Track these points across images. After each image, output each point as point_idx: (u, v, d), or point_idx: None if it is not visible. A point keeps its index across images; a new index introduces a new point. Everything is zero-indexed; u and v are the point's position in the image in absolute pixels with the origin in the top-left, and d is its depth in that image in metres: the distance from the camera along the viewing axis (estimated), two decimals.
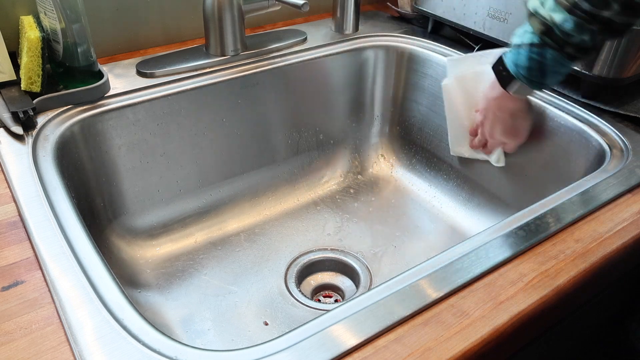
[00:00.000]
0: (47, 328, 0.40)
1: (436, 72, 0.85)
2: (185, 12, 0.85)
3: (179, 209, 0.80)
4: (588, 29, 0.52)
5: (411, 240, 0.81)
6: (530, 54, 0.56)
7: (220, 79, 0.77)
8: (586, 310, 0.60)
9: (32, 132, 0.62)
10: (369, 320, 0.41)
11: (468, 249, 0.48)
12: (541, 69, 0.56)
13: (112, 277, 0.44)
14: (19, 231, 0.49)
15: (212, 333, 0.66)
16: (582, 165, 0.68)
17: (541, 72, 0.56)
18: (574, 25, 0.52)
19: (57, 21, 0.64)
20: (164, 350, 0.39)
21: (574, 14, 0.51)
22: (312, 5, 0.94)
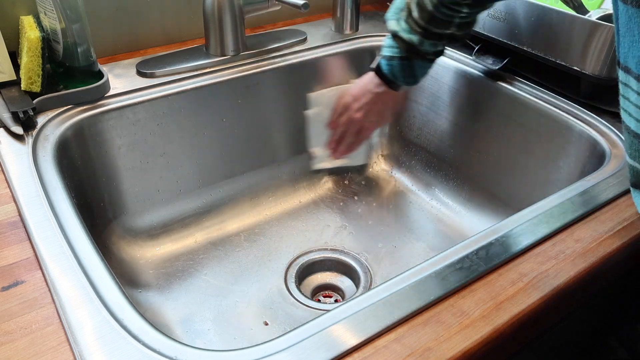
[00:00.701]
0: (47, 328, 0.40)
1: (436, 72, 0.85)
2: (185, 12, 0.85)
3: (179, 209, 0.80)
4: (440, 43, 0.67)
5: (411, 240, 0.81)
6: (402, 66, 0.69)
7: (220, 79, 0.77)
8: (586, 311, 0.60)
9: (32, 132, 0.62)
10: (369, 320, 0.41)
11: (468, 248, 0.48)
12: (412, 74, 0.70)
13: (112, 277, 0.44)
14: (19, 231, 0.49)
15: (212, 333, 0.66)
16: (582, 165, 0.68)
17: (413, 75, 0.71)
18: (428, 44, 0.66)
19: (57, 21, 0.64)
20: (164, 350, 0.39)
21: (427, 37, 0.65)
22: (312, 5, 0.94)
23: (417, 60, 0.69)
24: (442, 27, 0.65)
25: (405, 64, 0.69)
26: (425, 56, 0.68)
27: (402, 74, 0.70)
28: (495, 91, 0.78)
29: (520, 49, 0.76)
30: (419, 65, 0.69)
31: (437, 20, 0.64)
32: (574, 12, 0.71)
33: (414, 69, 0.69)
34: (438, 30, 0.65)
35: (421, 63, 0.69)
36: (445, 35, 0.66)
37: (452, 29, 0.65)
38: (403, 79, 0.71)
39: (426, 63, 0.70)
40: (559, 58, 0.72)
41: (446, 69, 0.84)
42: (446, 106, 0.85)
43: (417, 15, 0.65)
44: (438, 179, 0.89)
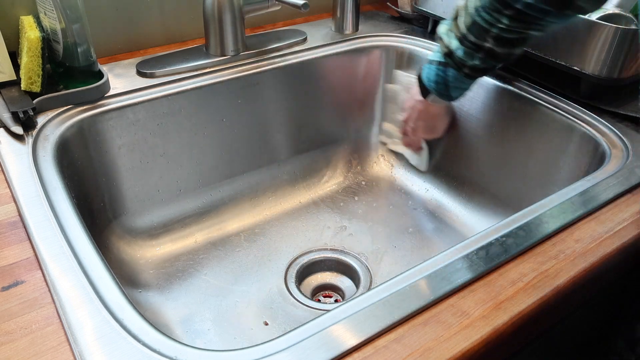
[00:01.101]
0: (47, 328, 0.40)
1: None
2: (185, 12, 0.85)
3: (179, 209, 0.80)
4: (476, 57, 0.63)
5: (411, 240, 0.81)
6: (437, 71, 0.67)
7: (220, 79, 0.77)
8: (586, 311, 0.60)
9: (32, 132, 0.62)
10: (369, 320, 0.41)
11: (468, 249, 0.48)
12: (445, 84, 0.68)
13: (112, 277, 0.44)
14: (19, 231, 0.49)
15: (212, 333, 0.66)
16: (582, 165, 0.68)
17: (445, 86, 0.68)
18: (463, 53, 0.63)
19: (57, 21, 0.64)
20: (164, 350, 0.39)
21: (463, 43, 0.63)
22: (312, 5, 0.94)
23: (452, 69, 0.66)
24: (480, 36, 0.61)
25: (441, 69, 0.67)
26: (460, 67, 0.65)
27: (435, 79, 0.68)
28: (495, 91, 0.78)
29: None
30: (453, 76, 0.67)
31: (476, 26, 0.60)
32: None
33: (448, 78, 0.67)
34: (476, 39, 0.61)
35: (456, 74, 0.66)
36: (483, 48, 0.62)
37: (490, 42, 0.61)
38: (435, 85, 0.68)
39: (461, 77, 0.66)
40: (559, 58, 0.72)
41: None
42: None
43: (461, 19, 0.62)
44: (438, 179, 0.89)
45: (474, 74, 0.66)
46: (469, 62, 0.64)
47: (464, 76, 0.66)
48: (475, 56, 0.63)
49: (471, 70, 0.65)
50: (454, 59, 0.64)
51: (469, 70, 0.65)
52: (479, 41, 0.61)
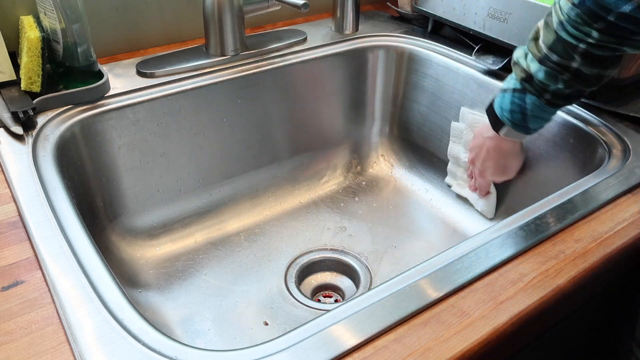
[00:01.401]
0: (47, 328, 0.40)
1: (436, 72, 0.85)
2: (185, 12, 0.85)
3: (179, 209, 0.80)
4: (560, 79, 0.56)
5: (411, 240, 0.81)
6: (513, 99, 0.60)
7: (220, 79, 0.77)
8: (586, 311, 0.60)
9: (32, 132, 0.62)
10: (369, 320, 0.41)
11: (468, 249, 0.48)
12: (523, 113, 0.60)
13: (112, 277, 0.44)
14: (19, 231, 0.49)
15: (212, 333, 0.66)
16: (582, 165, 0.68)
17: (523, 115, 0.60)
18: (545, 74, 0.56)
19: (57, 21, 0.64)
20: (164, 350, 0.39)
21: (545, 64, 0.56)
22: (312, 5, 0.94)
23: (531, 95, 0.59)
24: (566, 56, 0.54)
25: (517, 96, 0.59)
26: (541, 92, 0.58)
27: (510, 108, 0.60)
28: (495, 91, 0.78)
29: None
30: (532, 103, 0.59)
31: (561, 43, 0.54)
32: None
33: (526, 106, 0.59)
34: (560, 59, 0.55)
35: (536, 101, 0.59)
36: (568, 69, 0.55)
37: (577, 61, 0.54)
38: (509, 115, 0.61)
39: (542, 104, 0.59)
40: None
41: (446, 68, 0.84)
42: (446, 106, 0.85)
43: (542, 39, 0.56)
44: (438, 179, 0.89)
45: (557, 101, 0.58)
46: (552, 87, 0.56)
47: (545, 103, 0.58)
48: (559, 79, 0.56)
49: (554, 96, 0.57)
50: (533, 84, 0.57)
51: (551, 96, 0.57)
52: (564, 61, 0.54)
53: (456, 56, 0.84)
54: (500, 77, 0.78)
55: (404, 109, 0.93)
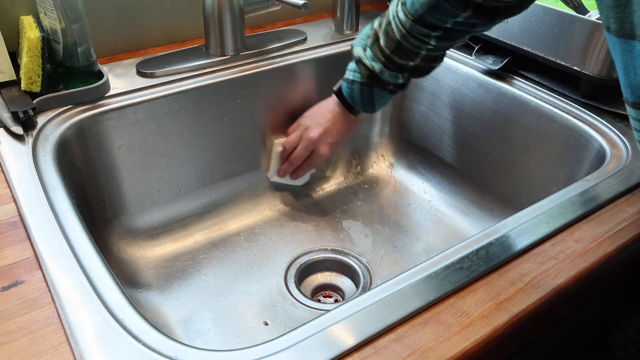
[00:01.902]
0: (47, 328, 0.40)
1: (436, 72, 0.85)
2: (185, 12, 0.85)
3: (179, 209, 0.80)
4: (401, 76, 0.67)
5: (411, 240, 0.81)
6: (362, 91, 0.70)
7: (220, 79, 0.77)
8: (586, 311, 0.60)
9: (32, 132, 0.62)
10: (369, 320, 0.41)
11: (468, 249, 0.48)
12: (371, 102, 0.71)
13: (112, 277, 0.44)
14: (19, 231, 0.49)
15: (212, 333, 0.66)
16: (582, 165, 0.68)
17: (371, 103, 0.71)
18: (388, 74, 0.67)
19: (57, 21, 0.64)
20: (164, 350, 0.39)
21: (388, 66, 0.66)
22: (312, 5, 0.94)
23: (377, 88, 0.69)
24: (407, 58, 0.64)
25: (365, 90, 0.70)
26: (385, 86, 0.68)
27: (361, 99, 0.71)
28: (495, 91, 0.78)
29: (520, 49, 0.76)
30: (378, 94, 0.70)
31: (403, 50, 0.64)
32: (574, 12, 0.71)
33: (373, 97, 0.70)
34: (401, 61, 0.65)
35: (381, 92, 0.70)
36: (407, 68, 0.66)
37: (416, 61, 0.65)
38: (361, 105, 0.72)
39: (386, 93, 0.70)
40: (559, 58, 0.72)
41: (446, 69, 0.84)
42: (446, 106, 0.85)
43: (383, 43, 0.65)
44: (438, 179, 0.89)
45: (398, 89, 0.70)
46: (393, 81, 0.67)
47: (388, 93, 0.70)
48: (399, 76, 0.67)
49: (395, 86, 0.69)
50: (378, 80, 0.67)
51: (394, 87, 0.69)
52: (405, 62, 0.65)
53: (456, 56, 0.84)
54: (500, 77, 0.78)
55: (404, 109, 0.93)
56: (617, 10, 0.38)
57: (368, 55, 0.67)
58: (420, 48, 0.63)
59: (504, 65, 0.78)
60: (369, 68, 0.67)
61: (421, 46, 0.62)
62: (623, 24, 0.38)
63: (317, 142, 0.76)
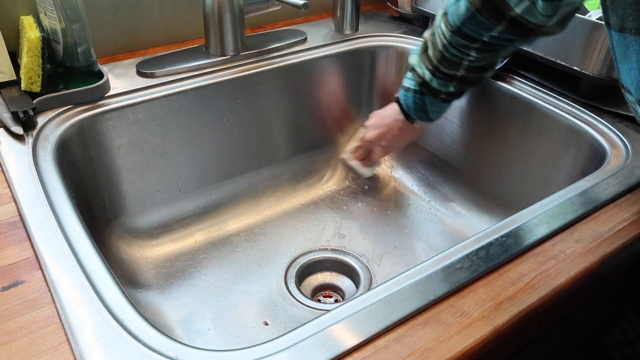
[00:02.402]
0: (47, 328, 0.40)
1: None
2: (185, 12, 0.85)
3: (179, 209, 0.80)
4: (450, 84, 0.67)
5: (411, 240, 0.81)
6: (415, 99, 0.71)
7: (220, 79, 0.77)
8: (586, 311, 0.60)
9: (32, 132, 0.62)
10: (369, 320, 0.41)
11: (468, 248, 0.48)
12: (424, 109, 0.71)
13: (112, 277, 0.44)
14: (19, 231, 0.49)
15: (212, 333, 0.66)
16: (582, 165, 0.68)
17: (424, 111, 0.72)
18: (437, 83, 0.67)
19: (57, 21, 0.64)
20: (164, 350, 0.39)
21: (436, 75, 0.67)
22: (312, 5, 0.94)
23: (429, 96, 0.70)
24: (452, 68, 0.65)
25: (418, 97, 0.70)
26: (437, 94, 0.69)
27: (414, 107, 0.71)
28: (495, 91, 0.78)
29: (520, 49, 0.76)
30: (430, 102, 0.70)
31: (447, 60, 0.65)
32: None
33: (426, 105, 0.70)
34: (448, 70, 0.66)
35: (433, 100, 0.70)
36: (455, 77, 0.66)
37: (461, 72, 0.65)
38: (415, 112, 0.72)
39: (438, 102, 0.70)
40: (559, 58, 0.72)
41: None
42: None
43: (431, 53, 0.66)
44: (438, 179, 0.89)
45: (451, 98, 0.70)
46: (445, 90, 0.68)
47: (440, 101, 0.70)
48: (449, 85, 0.67)
49: (447, 95, 0.69)
50: (429, 88, 0.68)
51: (445, 95, 0.69)
52: (452, 72, 0.65)
53: None
54: (500, 77, 0.78)
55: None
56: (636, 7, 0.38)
57: (419, 63, 0.68)
58: (462, 59, 0.64)
59: (504, 65, 0.78)
60: (420, 76, 0.68)
61: (462, 57, 0.63)
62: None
63: (371, 143, 0.80)
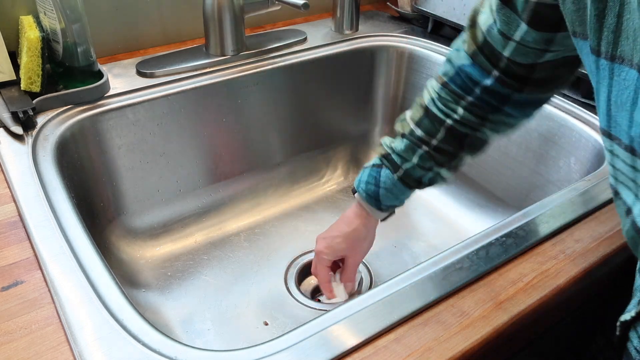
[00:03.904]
0: (47, 328, 0.40)
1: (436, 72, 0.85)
2: (185, 12, 0.85)
3: (179, 209, 0.80)
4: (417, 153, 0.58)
5: (411, 240, 0.81)
6: (371, 172, 0.61)
7: (220, 79, 0.77)
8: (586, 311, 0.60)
9: (32, 132, 0.62)
10: (369, 320, 0.41)
11: (468, 249, 0.48)
12: (376, 185, 0.61)
13: (112, 277, 0.44)
14: (19, 231, 0.49)
15: (212, 333, 0.66)
16: (582, 165, 0.68)
17: (376, 187, 0.61)
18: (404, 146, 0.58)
19: (57, 21, 0.64)
20: (164, 350, 0.39)
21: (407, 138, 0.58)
22: (312, 5, 0.94)
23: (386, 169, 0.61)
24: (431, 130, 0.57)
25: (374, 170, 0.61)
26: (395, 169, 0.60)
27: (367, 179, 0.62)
28: None
29: None
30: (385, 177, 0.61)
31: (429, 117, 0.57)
32: None
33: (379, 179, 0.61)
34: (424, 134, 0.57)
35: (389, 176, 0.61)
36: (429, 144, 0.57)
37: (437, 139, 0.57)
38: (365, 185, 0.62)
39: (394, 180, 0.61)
40: None
41: None
42: None
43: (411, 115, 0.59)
44: None
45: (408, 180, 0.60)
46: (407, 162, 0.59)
47: (397, 179, 0.60)
48: (416, 152, 0.58)
49: (405, 173, 0.59)
50: (390, 158, 0.60)
51: (404, 173, 0.59)
52: (428, 136, 0.57)
53: None
54: None
55: (404, 109, 0.92)
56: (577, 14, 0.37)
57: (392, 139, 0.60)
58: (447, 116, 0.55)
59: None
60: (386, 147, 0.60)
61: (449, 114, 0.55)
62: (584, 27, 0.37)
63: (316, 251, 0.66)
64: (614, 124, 0.36)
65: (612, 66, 0.34)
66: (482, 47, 0.51)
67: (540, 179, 0.74)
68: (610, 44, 0.34)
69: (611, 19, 0.33)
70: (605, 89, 0.36)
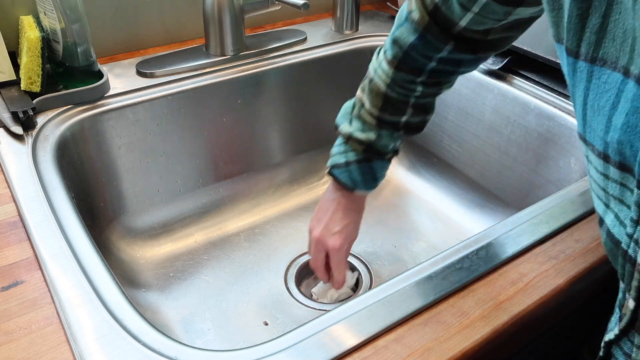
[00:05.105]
0: (47, 328, 0.40)
1: None
2: (185, 12, 0.85)
3: (179, 209, 0.80)
4: (396, 136, 0.60)
5: (411, 240, 0.81)
6: (362, 169, 0.61)
7: (220, 79, 0.77)
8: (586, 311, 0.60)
9: (31, 132, 0.62)
10: (369, 320, 0.41)
11: (468, 249, 0.48)
12: (374, 177, 0.63)
13: (112, 277, 0.45)
14: (19, 231, 0.49)
15: (212, 333, 0.66)
16: (582, 165, 0.68)
17: (373, 178, 0.63)
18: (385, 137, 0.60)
19: (57, 21, 0.64)
20: (164, 350, 0.39)
21: (382, 127, 0.59)
22: (312, 5, 0.94)
23: (377, 161, 0.62)
24: (397, 112, 0.58)
25: (365, 166, 0.61)
26: (384, 155, 0.61)
27: (363, 178, 0.62)
28: (495, 91, 0.78)
29: (520, 49, 0.76)
30: (379, 166, 0.62)
31: (391, 103, 0.58)
32: None
33: (375, 171, 0.62)
34: (392, 117, 0.59)
35: (381, 164, 0.62)
36: (400, 125, 0.59)
37: (407, 115, 0.59)
38: (364, 184, 0.62)
39: (385, 163, 0.63)
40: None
41: None
42: (446, 106, 0.85)
43: (370, 104, 0.59)
44: (438, 179, 0.89)
45: (395, 154, 0.63)
46: (392, 145, 0.61)
47: (387, 162, 0.63)
48: (395, 136, 0.60)
49: (393, 153, 0.63)
50: (376, 150, 0.60)
51: (392, 154, 0.62)
52: (396, 117, 0.59)
53: None
54: (500, 77, 0.78)
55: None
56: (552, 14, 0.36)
57: (358, 128, 0.60)
58: (408, 96, 0.57)
59: (504, 65, 0.78)
60: (363, 141, 0.60)
61: (409, 94, 0.57)
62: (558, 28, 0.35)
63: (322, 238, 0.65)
64: (589, 130, 0.35)
65: (592, 69, 0.33)
66: (435, 18, 0.50)
67: (540, 178, 0.74)
68: (591, 45, 0.33)
69: (596, 19, 0.32)
70: (582, 93, 0.35)
